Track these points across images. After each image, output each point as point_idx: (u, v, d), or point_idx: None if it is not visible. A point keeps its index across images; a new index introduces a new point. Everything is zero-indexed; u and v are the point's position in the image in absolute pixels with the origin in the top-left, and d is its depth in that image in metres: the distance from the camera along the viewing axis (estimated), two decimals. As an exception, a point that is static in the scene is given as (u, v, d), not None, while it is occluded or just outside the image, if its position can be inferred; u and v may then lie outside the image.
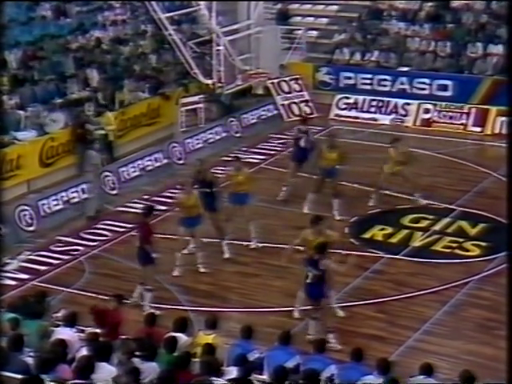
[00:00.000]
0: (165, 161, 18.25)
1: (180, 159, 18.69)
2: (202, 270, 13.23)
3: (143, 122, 19.83)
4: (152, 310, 10.81)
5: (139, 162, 17.77)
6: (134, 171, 17.54)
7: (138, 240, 12.26)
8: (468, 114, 20.34)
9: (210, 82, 21.33)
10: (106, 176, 16.76)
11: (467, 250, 13.76)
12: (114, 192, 16.73)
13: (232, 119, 20.58)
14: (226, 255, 13.66)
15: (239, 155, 16.00)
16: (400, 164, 15.31)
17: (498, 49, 21.27)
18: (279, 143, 19.71)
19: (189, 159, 18.23)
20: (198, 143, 19.36)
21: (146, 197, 16.36)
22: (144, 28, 22.12)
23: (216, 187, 13.77)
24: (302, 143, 16.08)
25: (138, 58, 21.21)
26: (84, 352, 8.01)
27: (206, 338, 8.87)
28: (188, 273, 13.23)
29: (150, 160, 17.96)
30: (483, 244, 13.89)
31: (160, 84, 20.82)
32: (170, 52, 21.70)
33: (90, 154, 16.61)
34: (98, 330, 8.91)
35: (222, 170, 16.51)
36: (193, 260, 13.42)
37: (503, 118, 19.82)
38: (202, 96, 20.59)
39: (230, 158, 16.43)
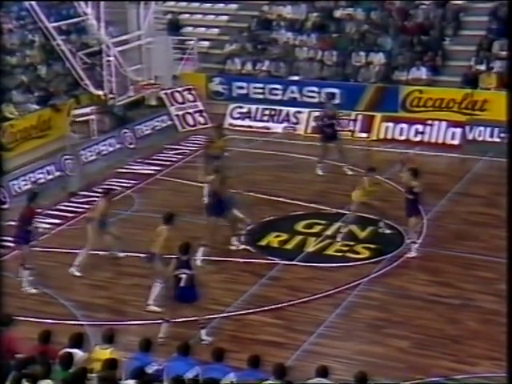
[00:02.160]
0: (57, 173, 17.92)
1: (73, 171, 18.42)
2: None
3: (34, 134, 19.39)
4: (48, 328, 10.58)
5: (30, 175, 17.37)
6: (26, 184, 17.14)
7: (18, 221, 12.88)
8: (355, 120, 21.07)
9: (101, 93, 21.12)
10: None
11: (358, 253, 14.25)
12: (6, 206, 16.27)
13: (125, 131, 20.44)
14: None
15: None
16: (369, 194, 14.58)
17: (378, 57, 22.19)
18: (174, 154, 19.77)
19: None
20: (91, 155, 19.13)
21: (38, 210, 15.99)
22: (31, 38, 21.63)
23: None
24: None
25: (25, 69, 20.71)
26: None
27: (103, 352, 8.82)
28: (84, 287, 13.08)
29: (41, 173, 17.59)
30: (372, 246, 14.45)
31: (50, 95, 20.40)
32: (60, 63, 21.33)
33: (69, 135, 17.65)
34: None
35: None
36: (88, 275, 13.33)
37: (387, 124, 20.75)
38: (93, 107, 20.35)
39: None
